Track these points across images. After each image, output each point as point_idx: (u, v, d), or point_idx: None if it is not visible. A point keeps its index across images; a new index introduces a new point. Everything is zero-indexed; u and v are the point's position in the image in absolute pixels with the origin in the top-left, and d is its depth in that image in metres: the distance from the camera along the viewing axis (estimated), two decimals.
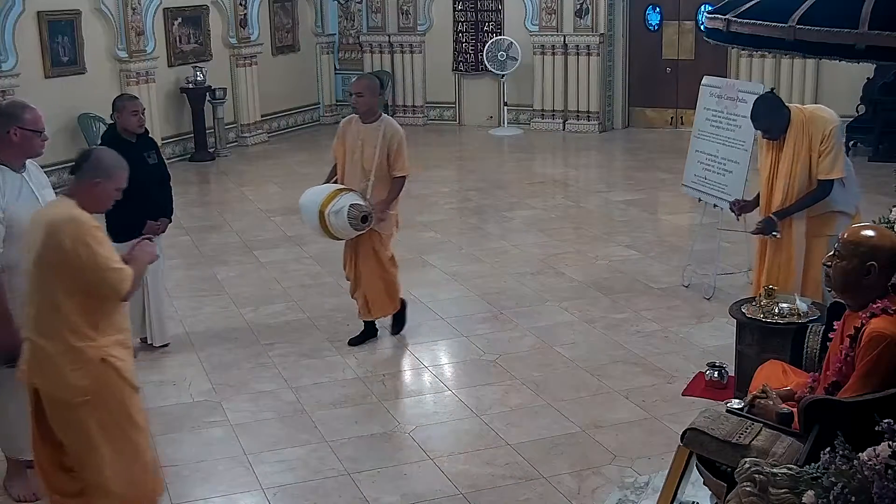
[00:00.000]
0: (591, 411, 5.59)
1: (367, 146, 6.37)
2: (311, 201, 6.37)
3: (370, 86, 6.50)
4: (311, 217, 6.34)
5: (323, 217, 6.24)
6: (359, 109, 6.43)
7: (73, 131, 11.65)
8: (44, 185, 4.75)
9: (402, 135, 6.45)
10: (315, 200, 6.32)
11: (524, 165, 13.03)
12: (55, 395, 3.94)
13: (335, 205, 6.22)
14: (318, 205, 6.26)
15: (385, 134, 6.37)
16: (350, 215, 6.20)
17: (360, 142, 6.39)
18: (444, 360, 6.51)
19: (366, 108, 6.41)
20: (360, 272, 6.60)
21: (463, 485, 4.83)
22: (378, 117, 6.46)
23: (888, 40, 2.98)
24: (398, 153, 6.41)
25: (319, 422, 5.55)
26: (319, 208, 6.25)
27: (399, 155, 6.41)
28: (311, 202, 6.36)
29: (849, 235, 3.69)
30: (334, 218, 6.22)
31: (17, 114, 4.57)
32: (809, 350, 4.35)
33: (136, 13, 12.34)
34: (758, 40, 3.44)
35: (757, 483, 3.08)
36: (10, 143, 4.54)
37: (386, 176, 6.43)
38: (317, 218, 6.27)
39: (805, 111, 5.98)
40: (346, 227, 6.27)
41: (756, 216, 6.32)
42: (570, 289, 7.75)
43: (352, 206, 6.21)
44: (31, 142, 4.58)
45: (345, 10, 16.07)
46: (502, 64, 14.68)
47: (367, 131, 6.40)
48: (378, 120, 6.44)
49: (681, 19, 14.41)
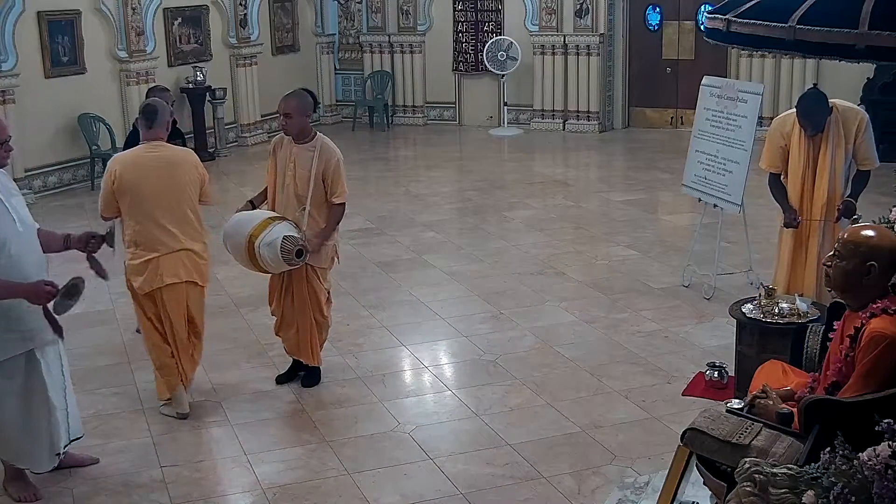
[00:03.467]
0: (591, 411, 5.59)
1: (300, 169, 5.72)
2: (238, 230, 5.65)
3: (300, 105, 5.75)
4: (238, 247, 5.64)
5: (252, 249, 5.53)
6: (289, 131, 5.76)
7: (73, 131, 11.65)
8: (12, 192, 4.61)
9: (340, 157, 5.80)
10: (242, 230, 5.60)
11: (524, 165, 13.03)
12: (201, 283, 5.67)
13: (267, 235, 5.51)
14: (247, 235, 5.55)
15: (321, 156, 5.71)
16: (283, 249, 5.51)
17: (292, 164, 5.74)
18: (444, 360, 6.51)
19: (297, 130, 5.73)
20: (291, 310, 5.91)
21: (463, 485, 4.83)
22: (312, 137, 5.77)
23: (888, 40, 2.98)
24: (336, 177, 5.74)
25: (319, 422, 5.55)
26: (248, 239, 5.54)
27: (337, 179, 5.75)
28: (237, 231, 5.64)
29: (849, 235, 3.69)
30: (266, 250, 5.52)
31: None
32: (809, 350, 4.35)
33: (136, 13, 12.35)
34: (758, 40, 3.44)
35: (757, 483, 3.08)
36: None
37: (323, 203, 5.77)
38: (244, 249, 5.57)
39: (837, 105, 6.05)
40: (278, 262, 5.57)
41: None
42: (570, 289, 7.76)
43: (285, 239, 5.52)
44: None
45: (345, 10, 16.08)
46: (502, 64, 14.68)
47: (299, 152, 5.74)
48: (312, 140, 5.77)
49: (681, 19, 14.41)
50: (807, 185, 6.11)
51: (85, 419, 5.28)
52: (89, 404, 5.72)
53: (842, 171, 6.03)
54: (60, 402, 4.74)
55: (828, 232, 6.02)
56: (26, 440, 4.67)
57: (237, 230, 5.65)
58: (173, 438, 5.42)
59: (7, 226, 4.44)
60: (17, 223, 4.49)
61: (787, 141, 6.14)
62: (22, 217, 4.55)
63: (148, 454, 5.23)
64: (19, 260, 4.46)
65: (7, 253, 4.41)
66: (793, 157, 6.14)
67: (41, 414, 4.65)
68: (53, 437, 4.71)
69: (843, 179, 6.05)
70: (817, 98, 6.00)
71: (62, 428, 4.75)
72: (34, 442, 4.68)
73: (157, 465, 5.11)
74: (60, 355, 4.79)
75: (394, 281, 8.08)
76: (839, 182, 6.04)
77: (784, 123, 6.21)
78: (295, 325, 5.93)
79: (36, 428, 4.66)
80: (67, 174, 11.70)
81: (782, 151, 6.18)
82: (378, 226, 9.78)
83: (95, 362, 6.39)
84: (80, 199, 11.18)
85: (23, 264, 4.47)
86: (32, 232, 4.64)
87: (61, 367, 4.78)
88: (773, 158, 6.24)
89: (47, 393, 4.64)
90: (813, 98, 6.02)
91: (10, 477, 4.80)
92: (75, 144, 11.72)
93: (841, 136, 5.98)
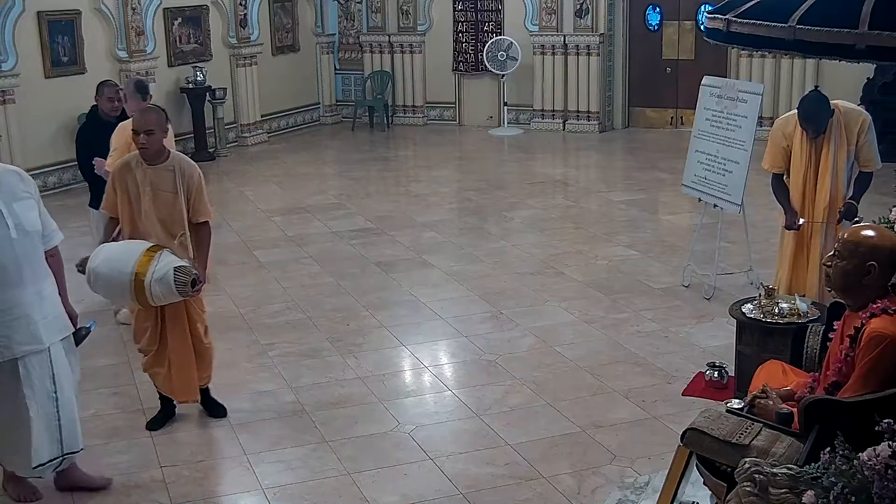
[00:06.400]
0: (591, 411, 5.59)
1: (162, 191, 5.23)
2: (116, 268, 5.07)
3: (159, 120, 5.26)
4: (118, 286, 5.09)
5: (142, 287, 5.02)
6: (151, 149, 5.20)
7: (72, 131, 11.59)
8: (17, 197, 4.44)
9: (200, 173, 5.39)
10: (123, 268, 5.05)
11: (524, 165, 13.03)
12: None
13: (156, 270, 5.04)
14: (131, 273, 5.02)
15: (183, 174, 5.26)
16: (178, 282, 5.06)
17: (149, 188, 5.20)
18: (444, 360, 6.51)
19: (156, 148, 5.22)
20: (165, 347, 5.41)
21: (463, 485, 4.83)
22: (167, 157, 5.29)
23: (888, 40, 2.97)
24: (199, 195, 5.32)
25: (319, 422, 5.55)
26: (134, 276, 5.02)
27: (200, 197, 5.32)
28: (115, 269, 5.07)
29: (849, 235, 3.69)
30: (158, 287, 5.04)
31: None
32: (809, 350, 4.35)
33: (136, 13, 12.35)
34: (758, 40, 3.44)
35: (757, 483, 3.08)
36: None
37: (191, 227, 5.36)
38: (129, 287, 5.04)
39: (839, 106, 6.04)
40: (171, 295, 5.12)
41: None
42: (570, 289, 7.75)
43: (177, 271, 5.08)
44: None
45: (345, 10, 16.07)
46: (502, 64, 14.68)
47: (155, 174, 5.22)
48: (168, 159, 5.28)
49: (681, 19, 14.41)
50: (808, 186, 6.10)
51: (85, 419, 5.23)
52: (89, 404, 5.70)
53: (844, 173, 6.03)
54: (46, 413, 4.53)
55: (830, 234, 6.00)
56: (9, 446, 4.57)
57: (114, 267, 5.07)
58: (173, 438, 5.42)
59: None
60: (11, 229, 4.35)
61: (790, 142, 6.13)
62: (21, 223, 4.40)
63: (148, 454, 5.23)
64: (3, 268, 4.33)
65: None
66: (795, 159, 6.14)
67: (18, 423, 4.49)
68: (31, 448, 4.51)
69: (845, 181, 6.05)
70: (818, 101, 5.97)
71: (45, 439, 4.54)
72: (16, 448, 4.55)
73: (157, 465, 5.11)
74: (52, 365, 4.54)
75: (394, 281, 8.08)
76: (841, 183, 6.03)
77: (786, 124, 6.20)
78: (167, 362, 5.42)
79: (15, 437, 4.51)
80: (67, 174, 11.68)
81: (785, 152, 6.17)
82: (378, 226, 9.78)
83: (95, 362, 6.38)
84: (80, 199, 11.12)
85: (8, 273, 4.35)
86: (31, 240, 4.46)
87: (51, 378, 4.54)
88: (776, 159, 6.23)
89: (24, 401, 4.46)
90: (814, 101, 5.99)
91: (9, 476, 4.78)
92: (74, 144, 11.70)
93: (843, 137, 5.97)
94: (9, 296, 4.39)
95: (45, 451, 4.58)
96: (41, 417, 4.54)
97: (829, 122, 5.95)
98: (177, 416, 5.63)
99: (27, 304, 4.43)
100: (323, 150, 14.46)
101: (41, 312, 4.49)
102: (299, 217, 10.24)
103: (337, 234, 9.53)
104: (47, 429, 4.57)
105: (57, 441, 4.62)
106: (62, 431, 4.63)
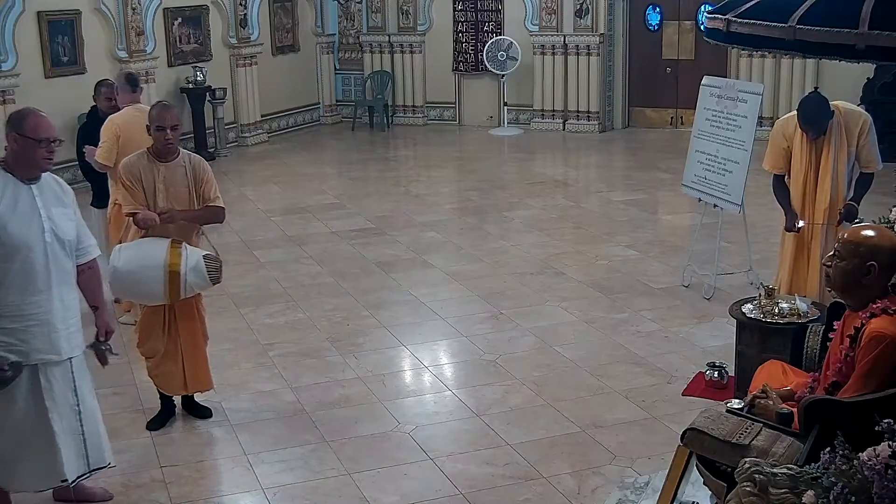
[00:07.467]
0: (591, 411, 5.59)
1: (177, 187, 5.30)
2: (146, 264, 5.13)
3: (179, 116, 5.46)
4: (148, 281, 5.13)
5: (177, 278, 5.11)
6: (174, 144, 5.30)
7: (73, 131, 11.55)
8: (60, 202, 4.43)
9: (207, 162, 5.53)
10: (154, 262, 5.11)
11: (524, 165, 13.03)
12: None
13: (188, 261, 5.15)
14: (164, 266, 5.09)
15: (195, 170, 5.35)
16: (210, 269, 5.19)
17: (162, 185, 5.26)
18: (444, 360, 6.51)
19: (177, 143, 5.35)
20: (175, 344, 5.46)
21: (463, 485, 4.83)
22: (178, 153, 5.38)
23: (888, 40, 2.98)
24: (211, 183, 5.39)
25: (319, 422, 5.55)
26: (168, 269, 5.10)
27: (210, 184, 5.38)
28: (146, 266, 5.13)
29: (849, 235, 3.69)
30: (192, 276, 5.15)
31: (18, 119, 4.34)
32: (809, 350, 4.35)
33: (136, 13, 12.35)
34: (758, 40, 3.44)
35: (757, 483, 3.08)
36: (11, 151, 4.31)
37: None
38: (163, 280, 5.09)
39: (839, 107, 6.03)
40: (203, 283, 5.24)
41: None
42: (570, 289, 7.75)
43: (206, 259, 5.22)
44: (30, 150, 4.27)
45: (345, 10, 16.08)
46: (502, 64, 14.68)
47: (169, 171, 5.30)
48: (179, 156, 5.37)
49: (681, 19, 14.41)
50: (809, 187, 6.10)
51: None
52: None
53: (844, 174, 6.02)
54: (70, 427, 4.43)
55: (830, 235, 5.99)
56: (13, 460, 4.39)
57: (144, 264, 5.13)
58: (173, 438, 5.42)
59: (33, 232, 4.26)
60: (47, 233, 4.29)
61: (790, 143, 6.12)
62: (57, 230, 4.34)
63: (148, 454, 5.23)
64: (33, 270, 4.27)
65: (23, 258, 4.23)
66: (795, 160, 6.13)
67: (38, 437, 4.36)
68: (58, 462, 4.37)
69: (845, 182, 6.04)
70: (818, 102, 5.96)
71: (71, 453, 4.43)
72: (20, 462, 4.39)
73: (157, 465, 5.11)
74: (73, 377, 4.46)
75: (394, 281, 8.08)
76: (842, 185, 6.02)
77: (787, 125, 6.19)
78: (180, 358, 5.46)
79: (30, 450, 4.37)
80: (67, 174, 11.58)
81: (785, 153, 6.17)
82: (378, 226, 9.78)
83: (96, 362, 6.36)
84: (80, 199, 11.14)
85: (37, 276, 4.28)
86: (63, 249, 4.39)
87: (73, 390, 4.45)
88: (776, 160, 6.23)
89: (48, 415, 4.36)
90: (814, 103, 5.98)
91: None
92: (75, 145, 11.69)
93: (843, 138, 5.96)
94: (33, 300, 4.30)
95: (73, 466, 4.44)
96: (66, 431, 4.43)
97: (830, 124, 5.94)
98: (177, 416, 5.63)
99: (50, 311, 4.34)
100: (323, 150, 14.46)
101: (64, 322, 4.39)
102: (299, 217, 10.24)
103: (337, 234, 9.53)
104: (74, 443, 4.45)
105: (83, 456, 4.50)
106: (87, 446, 4.52)
